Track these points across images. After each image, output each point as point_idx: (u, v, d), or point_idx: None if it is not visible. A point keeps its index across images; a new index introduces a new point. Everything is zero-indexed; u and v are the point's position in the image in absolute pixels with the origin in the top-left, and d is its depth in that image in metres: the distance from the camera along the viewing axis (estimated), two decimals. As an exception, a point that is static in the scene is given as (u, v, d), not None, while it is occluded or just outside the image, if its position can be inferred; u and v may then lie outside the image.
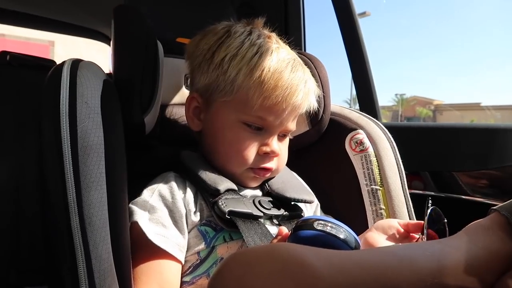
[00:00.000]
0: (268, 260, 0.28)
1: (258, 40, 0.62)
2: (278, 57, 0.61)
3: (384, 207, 0.71)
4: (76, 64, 0.53)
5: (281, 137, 0.66)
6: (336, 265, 0.29)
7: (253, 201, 0.62)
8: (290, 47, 0.68)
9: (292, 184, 0.70)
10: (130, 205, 0.58)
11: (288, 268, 0.27)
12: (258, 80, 0.59)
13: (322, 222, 0.45)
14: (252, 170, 0.64)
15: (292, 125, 0.66)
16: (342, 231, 0.45)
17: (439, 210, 0.55)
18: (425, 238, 0.52)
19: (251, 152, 0.62)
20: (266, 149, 0.62)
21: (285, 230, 0.53)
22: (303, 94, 0.62)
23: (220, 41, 0.62)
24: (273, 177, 0.69)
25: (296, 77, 0.61)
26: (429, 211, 0.54)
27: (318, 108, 0.75)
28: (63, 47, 9.09)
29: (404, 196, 0.72)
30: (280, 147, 0.65)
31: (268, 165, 0.64)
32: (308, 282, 0.27)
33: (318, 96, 0.71)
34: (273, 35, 0.66)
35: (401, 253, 0.34)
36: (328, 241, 0.44)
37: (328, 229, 0.45)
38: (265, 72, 0.59)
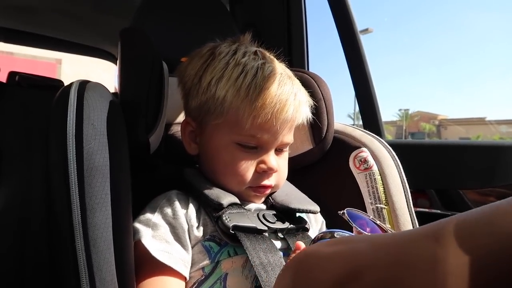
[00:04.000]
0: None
1: (243, 58, 0.62)
2: (264, 73, 0.60)
3: (389, 226, 0.70)
4: (83, 85, 0.54)
5: (279, 151, 0.66)
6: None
7: (257, 215, 0.62)
8: (278, 59, 0.67)
9: (296, 196, 0.70)
10: (134, 223, 0.58)
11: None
12: (245, 100, 0.59)
13: (341, 234, 0.46)
14: (252, 189, 0.64)
15: (288, 138, 0.65)
16: None
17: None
18: None
19: (248, 171, 0.62)
20: (263, 166, 0.62)
21: (302, 245, 0.53)
22: (294, 107, 0.61)
23: (205, 65, 0.63)
24: (275, 191, 0.69)
25: (284, 91, 0.61)
26: None
27: (321, 127, 0.75)
28: (70, 66, 9.27)
29: (410, 214, 0.71)
30: (279, 162, 0.65)
31: (267, 182, 0.64)
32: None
33: (315, 109, 0.70)
34: (260, 50, 0.65)
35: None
36: None
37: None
38: (251, 90, 0.59)
